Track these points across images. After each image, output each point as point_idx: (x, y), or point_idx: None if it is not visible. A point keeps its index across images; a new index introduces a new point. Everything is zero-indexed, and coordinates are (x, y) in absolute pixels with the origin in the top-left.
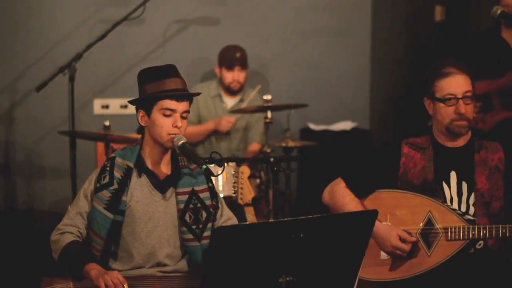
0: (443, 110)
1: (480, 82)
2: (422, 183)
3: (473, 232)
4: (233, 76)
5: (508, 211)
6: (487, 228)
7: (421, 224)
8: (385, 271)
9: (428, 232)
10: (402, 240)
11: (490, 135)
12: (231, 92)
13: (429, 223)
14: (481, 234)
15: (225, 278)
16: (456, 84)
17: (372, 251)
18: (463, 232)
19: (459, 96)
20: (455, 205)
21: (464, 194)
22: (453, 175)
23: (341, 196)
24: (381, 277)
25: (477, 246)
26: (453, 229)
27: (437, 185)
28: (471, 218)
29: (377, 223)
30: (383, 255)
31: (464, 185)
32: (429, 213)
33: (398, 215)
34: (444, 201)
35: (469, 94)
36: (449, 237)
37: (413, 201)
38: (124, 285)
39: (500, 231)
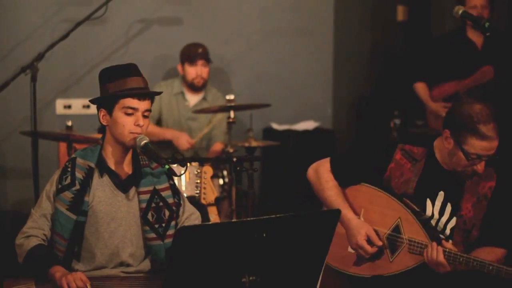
0: (463, 161)
1: (449, 83)
2: (401, 195)
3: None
4: (197, 71)
5: (481, 236)
6: (446, 252)
7: (389, 229)
8: (349, 264)
9: (395, 238)
10: (369, 241)
11: None
12: (194, 88)
13: (396, 229)
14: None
15: (188, 278)
16: (488, 149)
17: (341, 241)
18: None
19: (484, 158)
20: (432, 222)
21: (445, 215)
22: (441, 195)
23: (325, 180)
24: (344, 269)
25: None
26: (416, 243)
27: (414, 200)
28: (441, 237)
29: (352, 216)
30: (350, 248)
31: (448, 207)
32: (399, 220)
33: (370, 213)
34: (420, 214)
35: (492, 155)
36: (411, 250)
37: (388, 204)
38: (87, 285)
39: (458, 259)
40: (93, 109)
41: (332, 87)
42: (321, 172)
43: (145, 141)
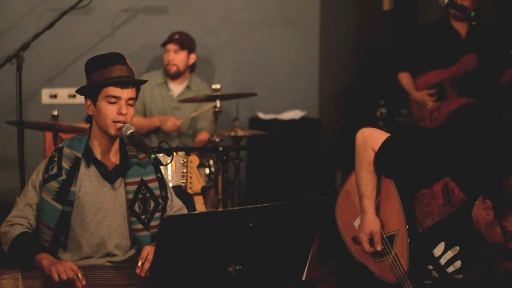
0: (499, 236)
1: (433, 72)
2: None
3: (403, 282)
4: (167, 57)
5: None
6: None
7: (385, 233)
8: (348, 235)
9: (385, 246)
10: (371, 240)
11: (448, 124)
12: (170, 76)
13: (390, 239)
14: None
15: (174, 267)
16: None
17: (354, 211)
18: (399, 275)
19: None
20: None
21: (449, 267)
22: (455, 249)
23: (368, 161)
24: (344, 236)
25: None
26: (396, 263)
27: (419, 237)
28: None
29: (370, 211)
30: (357, 222)
31: (458, 263)
32: (397, 232)
33: (381, 206)
34: (426, 251)
35: None
36: (392, 266)
37: (397, 211)
38: (78, 274)
39: None
40: (79, 98)
41: (318, 76)
42: (369, 149)
43: (131, 131)
